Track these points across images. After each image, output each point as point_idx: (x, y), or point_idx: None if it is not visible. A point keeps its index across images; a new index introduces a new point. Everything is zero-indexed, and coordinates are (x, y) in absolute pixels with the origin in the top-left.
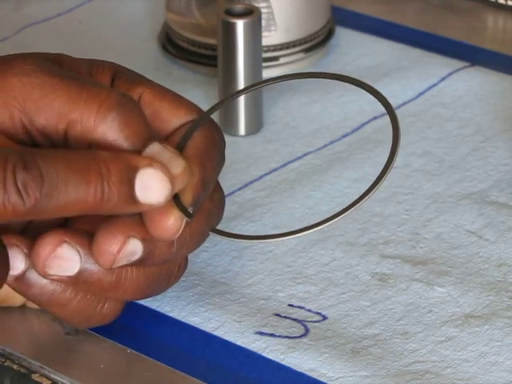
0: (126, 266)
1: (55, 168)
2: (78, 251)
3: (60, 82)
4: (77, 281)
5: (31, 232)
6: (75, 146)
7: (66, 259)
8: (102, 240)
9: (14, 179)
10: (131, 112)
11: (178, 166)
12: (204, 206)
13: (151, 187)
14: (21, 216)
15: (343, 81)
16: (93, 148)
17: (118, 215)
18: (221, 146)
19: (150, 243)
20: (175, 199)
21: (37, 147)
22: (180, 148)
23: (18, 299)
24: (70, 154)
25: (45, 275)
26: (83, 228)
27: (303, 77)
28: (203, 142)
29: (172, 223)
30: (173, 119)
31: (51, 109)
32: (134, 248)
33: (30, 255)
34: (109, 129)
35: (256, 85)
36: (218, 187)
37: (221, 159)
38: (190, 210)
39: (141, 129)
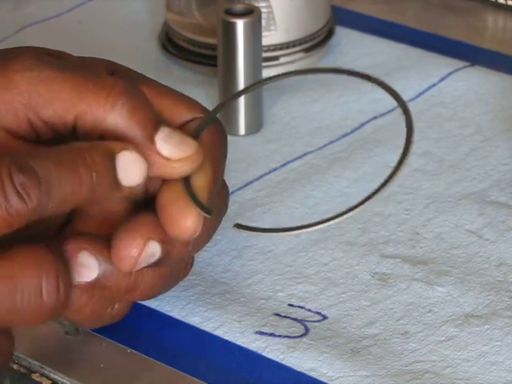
0: (144, 267)
1: (48, 167)
2: (97, 258)
3: (64, 74)
4: (95, 286)
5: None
6: (85, 137)
7: (84, 266)
8: (122, 244)
9: (11, 183)
10: (139, 98)
11: (190, 146)
12: (213, 202)
13: (129, 169)
14: (25, 218)
15: (343, 74)
16: (105, 138)
17: (134, 217)
18: (226, 141)
19: (167, 244)
20: (193, 198)
21: (40, 142)
22: None
23: None
24: (56, 150)
25: None
26: (88, 230)
27: (312, 73)
28: (211, 139)
29: (191, 223)
30: (175, 117)
31: (59, 101)
32: (153, 250)
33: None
34: (119, 116)
35: (261, 82)
36: (223, 183)
37: (226, 155)
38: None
39: (150, 113)
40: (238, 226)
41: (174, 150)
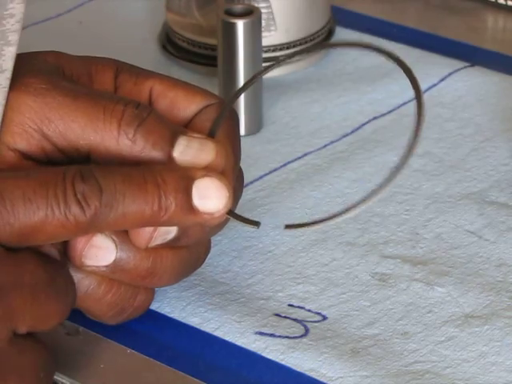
0: (161, 246)
1: (112, 180)
2: (113, 239)
3: (76, 103)
4: (114, 270)
5: None
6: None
7: (101, 248)
8: None
9: (73, 191)
10: (150, 118)
11: (209, 152)
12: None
13: (209, 196)
14: (83, 228)
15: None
16: (122, 163)
17: None
18: (239, 125)
19: None
20: (232, 214)
21: (52, 163)
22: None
23: None
24: (125, 167)
25: (82, 267)
26: None
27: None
28: (230, 127)
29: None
30: (190, 106)
31: (71, 131)
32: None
33: (65, 251)
34: (133, 143)
35: (276, 63)
36: (240, 168)
37: (240, 138)
38: None
39: (164, 130)
40: (288, 226)
41: (194, 162)
